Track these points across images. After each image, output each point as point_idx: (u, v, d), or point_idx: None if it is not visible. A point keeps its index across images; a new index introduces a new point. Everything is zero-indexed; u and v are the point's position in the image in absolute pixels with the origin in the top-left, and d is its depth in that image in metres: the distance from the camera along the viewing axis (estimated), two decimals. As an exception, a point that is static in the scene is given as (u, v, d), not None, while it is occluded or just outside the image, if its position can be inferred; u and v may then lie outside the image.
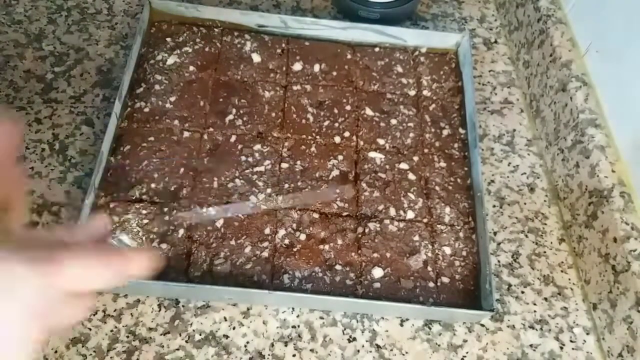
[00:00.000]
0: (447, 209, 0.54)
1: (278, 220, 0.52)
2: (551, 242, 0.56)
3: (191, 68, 0.60)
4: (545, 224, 0.57)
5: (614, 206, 0.49)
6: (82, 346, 0.46)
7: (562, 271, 0.54)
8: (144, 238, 0.49)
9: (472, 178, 0.56)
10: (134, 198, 0.51)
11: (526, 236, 0.56)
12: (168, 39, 0.61)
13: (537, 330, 0.51)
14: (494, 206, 0.57)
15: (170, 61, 0.60)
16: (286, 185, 0.53)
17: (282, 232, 0.51)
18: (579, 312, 0.52)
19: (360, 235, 0.52)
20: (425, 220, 0.53)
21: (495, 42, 0.70)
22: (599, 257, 0.51)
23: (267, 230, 0.51)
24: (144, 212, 0.50)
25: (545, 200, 0.58)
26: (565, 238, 0.56)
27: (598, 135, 0.53)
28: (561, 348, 0.50)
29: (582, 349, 0.50)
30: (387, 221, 0.53)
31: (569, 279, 0.54)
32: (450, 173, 0.56)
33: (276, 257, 0.50)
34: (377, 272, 0.50)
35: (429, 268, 0.51)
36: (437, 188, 0.55)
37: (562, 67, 0.57)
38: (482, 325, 0.51)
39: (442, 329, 0.50)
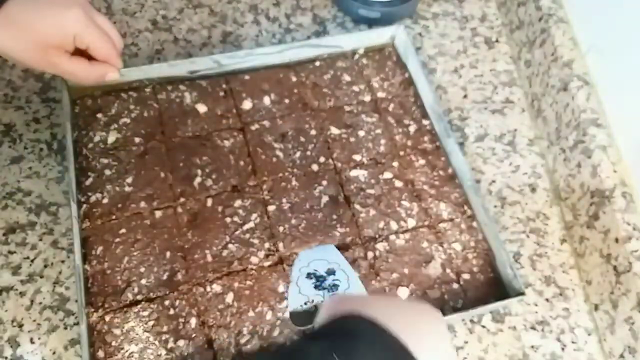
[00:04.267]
0: (442, 205, 0.54)
1: (287, 274, 0.49)
2: (553, 243, 0.55)
3: (137, 140, 0.54)
4: (547, 225, 0.57)
5: (615, 206, 0.49)
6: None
7: (563, 272, 0.54)
8: (157, 342, 0.45)
9: (454, 167, 0.56)
10: (128, 302, 0.46)
11: (527, 237, 0.56)
12: (99, 115, 0.55)
13: (538, 331, 0.51)
14: (495, 206, 0.57)
15: (111, 139, 0.54)
16: (281, 229, 0.50)
17: None
18: (580, 313, 0.52)
19: (373, 261, 0.50)
20: (426, 224, 0.53)
21: (497, 41, 0.69)
22: (600, 257, 0.50)
23: (280, 288, 0.48)
24: (145, 313, 0.46)
25: (546, 201, 0.58)
26: (567, 238, 0.56)
27: (600, 135, 0.53)
28: (562, 349, 0.50)
29: (583, 350, 0.50)
30: (392, 237, 0.52)
31: (571, 280, 0.54)
32: (431, 168, 0.56)
33: None
34: (403, 292, 0.49)
35: (448, 270, 0.51)
36: (425, 187, 0.55)
37: (563, 66, 0.57)
38: (483, 327, 0.50)
39: (442, 330, 0.50)
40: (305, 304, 0.47)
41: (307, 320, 0.46)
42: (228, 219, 0.51)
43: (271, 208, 0.52)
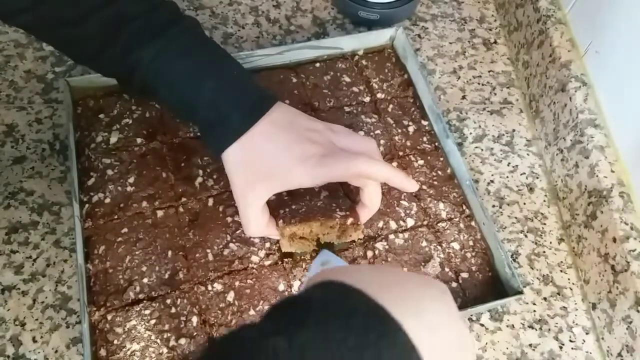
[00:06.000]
0: (441, 205, 0.54)
1: (288, 272, 0.49)
2: (550, 242, 0.56)
3: (139, 140, 0.55)
4: (545, 224, 0.57)
5: (613, 206, 0.49)
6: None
7: (561, 271, 0.54)
8: (158, 340, 0.45)
9: (453, 167, 0.57)
10: (130, 301, 0.47)
11: (525, 236, 0.56)
12: (101, 116, 0.55)
13: (536, 330, 0.51)
14: (494, 206, 0.57)
15: (113, 139, 0.54)
16: (281, 212, 0.49)
17: (296, 283, 0.49)
18: (578, 312, 0.52)
19: (372, 260, 0.51)
20: (425, 223, 0.53)
21: (495, 42, 0.70)
22: (598, 257, 0.51)
23: (281, 287, 0.49)
24: (147, 312, 0.46)
25: (544, 200, 0.58)
26: (565, 238, 0.56)
27: (597, 135, 0.53)
28: (560, 348, 0.50)
29: (581, 349, 0.50)
30: (392, 236, 0.52)
31: (569, 279, 0.54)
32: (430, 168, 0.57)
33: None
34: None
35: (447, 269, 0.51)
36: (424, 187, 0.55)
37: (561, 67, 0.58)
38: (482, 325, 0.51)
39: (441, 329, 0.50)
40: None
41: None
42: (229, 219, 0.51)
43: (271, 197, 0.52)
